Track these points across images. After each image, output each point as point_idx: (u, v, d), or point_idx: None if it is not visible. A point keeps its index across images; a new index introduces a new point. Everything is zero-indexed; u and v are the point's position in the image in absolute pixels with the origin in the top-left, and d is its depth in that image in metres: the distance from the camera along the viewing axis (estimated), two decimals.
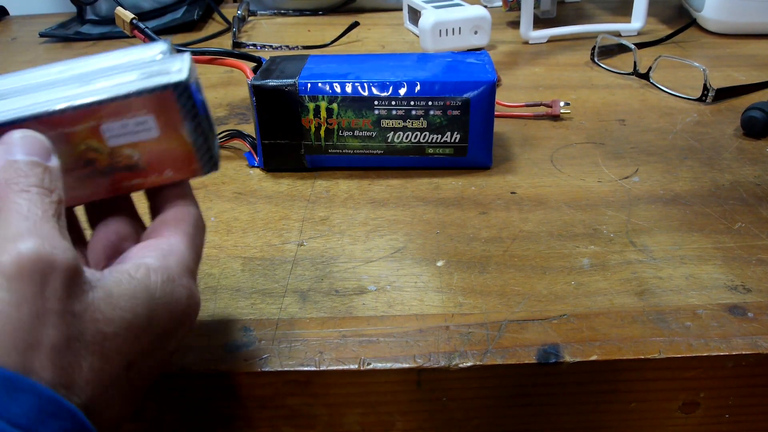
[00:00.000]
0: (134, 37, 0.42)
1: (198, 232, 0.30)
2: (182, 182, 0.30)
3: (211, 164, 0.30)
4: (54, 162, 0.26)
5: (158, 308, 0.26)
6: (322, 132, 0.48)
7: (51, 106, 0.26)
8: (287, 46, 0.83)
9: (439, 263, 0.39)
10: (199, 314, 0.29)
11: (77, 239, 0.31)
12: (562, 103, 0.59)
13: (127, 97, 0.27)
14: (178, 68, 0.27)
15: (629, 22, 0.83)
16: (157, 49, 0.29)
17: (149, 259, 0.26)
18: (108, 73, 0.28)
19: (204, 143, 0.29)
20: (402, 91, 0.46)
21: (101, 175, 0.29)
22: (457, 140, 0.48)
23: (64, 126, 0.27)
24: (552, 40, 0.82)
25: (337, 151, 0.48)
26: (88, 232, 0.31)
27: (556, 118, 0.59)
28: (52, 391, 0.22)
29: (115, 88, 0.26)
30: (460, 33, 0.75)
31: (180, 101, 0.28)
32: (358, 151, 0.48)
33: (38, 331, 0.22)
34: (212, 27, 0.96)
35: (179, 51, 0.29)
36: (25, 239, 0.22)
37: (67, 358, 0.23)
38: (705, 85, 0.61)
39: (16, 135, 0.25)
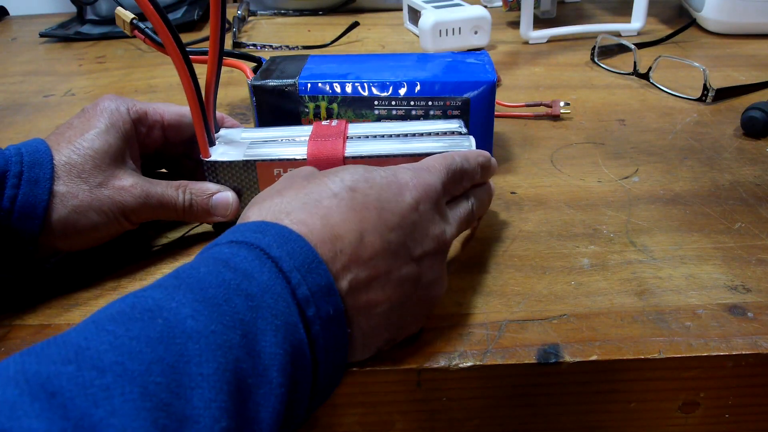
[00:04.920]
0: (134, 37, 0.42)
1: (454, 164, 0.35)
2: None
3: None
4: None
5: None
6: None
7: (404, 150, 0.40)
8: (287, 46, 0.83)
9: None
10: None
11: None
12: (562, 103, 0.59)
13: (428, 154, 0.40)
14: (467, 146, 0.40)
15: (629, 22, 0.83)
16: (455, 123, 0.43)
17: None
18: (423, 136, 0.42)
19: None
20: (402, 91, 0.46)
21: None
22: None
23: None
24: (552, 40, 0.82)
25: None
26: None
27: (556, 118, 0.59)
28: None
29: (427, 147, 0.40)
30: (460, 33, 0.75)
31: None
32: None
33: None
34: None
35: (466, 133, 0.43)
36: None
37: None
38: (705, 85, 0.61)
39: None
